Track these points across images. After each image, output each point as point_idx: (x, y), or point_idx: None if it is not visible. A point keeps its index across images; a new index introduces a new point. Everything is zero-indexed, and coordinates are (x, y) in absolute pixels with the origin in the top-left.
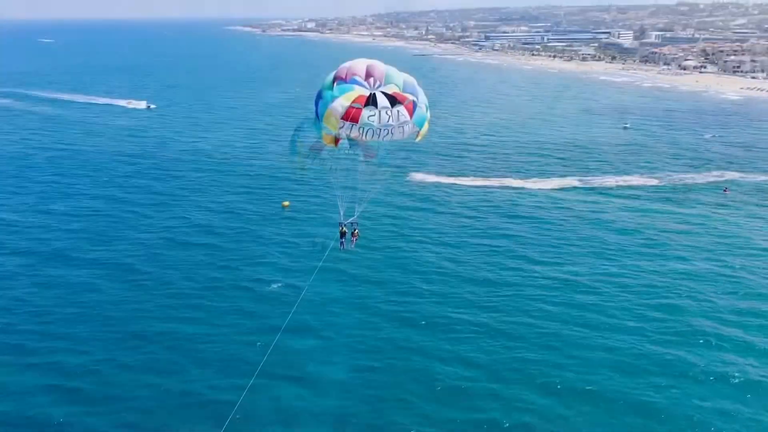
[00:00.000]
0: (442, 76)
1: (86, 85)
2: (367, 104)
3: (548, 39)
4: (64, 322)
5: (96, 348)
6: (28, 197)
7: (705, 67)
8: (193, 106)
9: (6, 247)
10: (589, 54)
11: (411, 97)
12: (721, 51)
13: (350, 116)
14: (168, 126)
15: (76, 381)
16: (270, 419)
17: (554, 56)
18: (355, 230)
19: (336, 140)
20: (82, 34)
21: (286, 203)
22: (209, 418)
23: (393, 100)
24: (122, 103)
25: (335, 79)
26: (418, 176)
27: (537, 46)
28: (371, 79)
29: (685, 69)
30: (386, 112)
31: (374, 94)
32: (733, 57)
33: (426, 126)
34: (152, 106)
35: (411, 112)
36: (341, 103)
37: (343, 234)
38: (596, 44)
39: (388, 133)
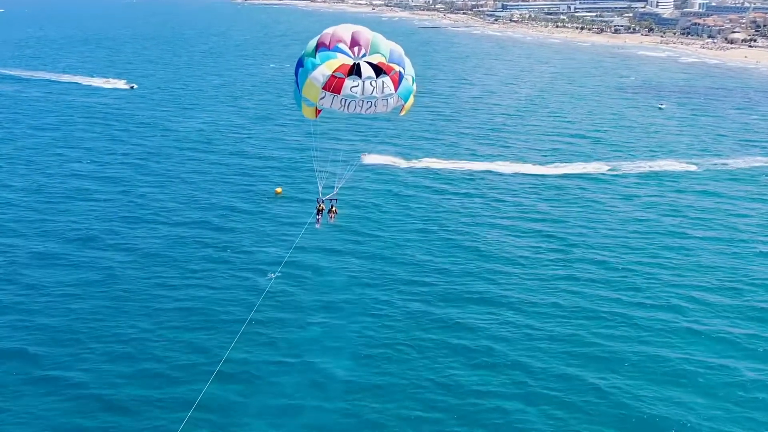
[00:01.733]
0: (459, 52)
1: (51, 60)
2: (350, 74)
3: (575, 8)
4: (60, 300)
5: (94, 324)
6: (14, 178)
7: (755, 41)
8: (177, 85)
9: None
10: (622, 25)
11: (397, 68)
12: None
13: (332, 86)
14: (155, 107)
15: (81, 343)
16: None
17: (582, 28)
18: (333, 207)
19: (317, 112)
20: (37, 5)
21: (279, 190)
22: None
23: (378, 71)
24: (99, 82)
25: (318, 45)
26: (432, 159)
27: (562, 17)
28: (356, 48)
29: (732, 42)
30: (370, 83)
31: (358, 63)
32: None
33: (411, 99)
34: (134, 86)
35: (396, 84)
36: (323, 71)
37: (320, 211)
38: (630, 14)
39: (371, 106)
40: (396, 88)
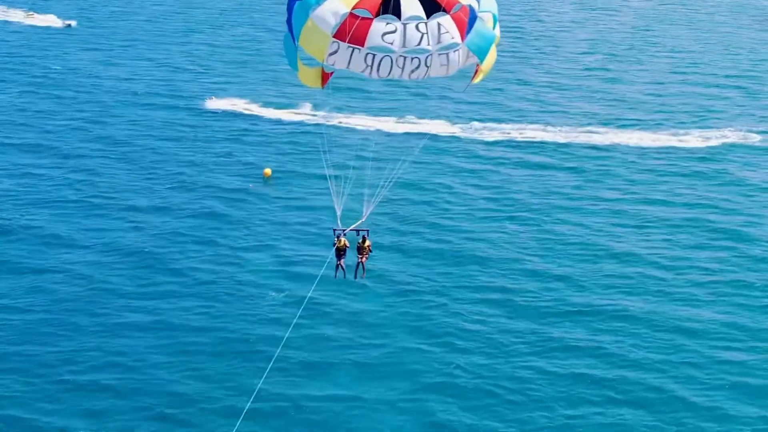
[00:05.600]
0: None
1: None
2: (382, 12)
3: None
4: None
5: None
6: None
7: None
8: (123, 19)
9: None
10: None
11: (466, 0)
12: None
13: (350, 33)
14: (104, 55)
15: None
16: None
17: None
18: (365, 241)
19: (324, 76)
20: None
21: (268, 171)
22: None
23: (431, 5)
24: (17, 15)
25: None
26: (490, 125)
27: None
28: None
29: None
30: (417, 28)
31: None
32: None
33: (492, 54)
34: (71, 23)
35: (464, 29)
36: (334, 7)
37: (341, 250)
38: None
39: (419, 65)
40: (463, 37)
